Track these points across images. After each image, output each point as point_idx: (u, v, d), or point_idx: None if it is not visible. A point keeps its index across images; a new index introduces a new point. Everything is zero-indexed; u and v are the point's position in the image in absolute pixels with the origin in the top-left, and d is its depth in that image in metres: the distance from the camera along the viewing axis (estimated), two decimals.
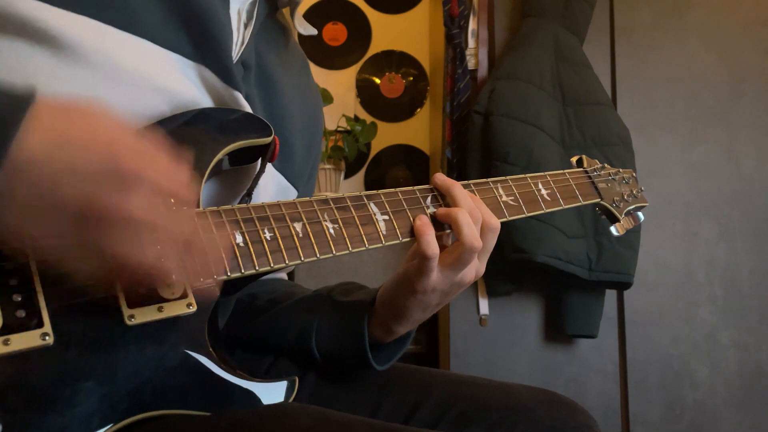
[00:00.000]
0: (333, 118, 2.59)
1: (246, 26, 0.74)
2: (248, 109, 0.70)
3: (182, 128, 0.63)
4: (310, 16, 2.74)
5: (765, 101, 2.09)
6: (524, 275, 1.95)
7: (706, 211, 2.05)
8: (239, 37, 0.73)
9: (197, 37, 0.66)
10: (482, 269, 0.75)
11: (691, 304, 2.03)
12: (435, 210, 0.73)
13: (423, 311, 0.74)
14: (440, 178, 0.74)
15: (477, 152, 1.91)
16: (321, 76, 2.72)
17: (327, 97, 2.43)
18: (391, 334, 0.76)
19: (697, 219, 2.05)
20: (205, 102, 0.68)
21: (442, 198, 0.74)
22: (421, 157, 2.69)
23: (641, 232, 1.91)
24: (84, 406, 0.50)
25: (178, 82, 0.65)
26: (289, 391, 0.62)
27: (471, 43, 2.04)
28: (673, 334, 2.02)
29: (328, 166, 2.46)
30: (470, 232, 0.69)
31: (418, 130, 2.72)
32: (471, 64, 2.03)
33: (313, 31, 0.86)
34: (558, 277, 1.90)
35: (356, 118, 2.64)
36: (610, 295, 1.99)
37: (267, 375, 0.82)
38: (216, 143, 0.64)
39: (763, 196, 2.06)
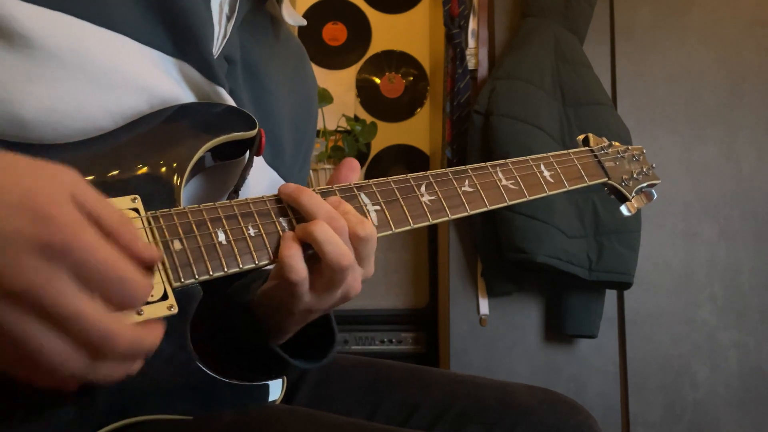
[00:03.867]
0: (333, 118, 2.59)
1: (228, 19, 0.71)
2: (232, 104, 0.67)
3: (162, 125, 0.61)
4: (310, 16, 2.74)
5: (765, 101, 2.08)
6: (524, 275, 1.95)
7: (706, 211, 2.05)
8: (221, 31, 0.70)
9: (176, 32, 0.63)
10: (370, 271, 0.63)
11: (691, 304, 2.02)
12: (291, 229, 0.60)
13: (308, 322, 0.65)
14: (286, 188, 0.61)
15: (477, 152, 1.91)
16: (321, 76, 2.71)
17: (327, 97, 2.43)
18: (279, 340, 0.67)
19: (697, 219, 2.05)
20: (188, 99, 0.65)
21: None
22: (421, 157, 2.69)
23: (641, 232, 1.91)
24: (59, 412, 0.48)
25: (158, 79, 0.62)
26: (281, 388, 0.61)
27: (471, 42, 2.04)
28: (673, 334, 2.01)
29: (328, 166, 2.46)
30: (334, 249, 0.57)
31: (418, 130, 2.71)
32: (471, 63, 2.03)
33: (303, 22, 0.83)
34: (558, 277, 1.90)
35: (356, 118, 2.63)
36: (610, 295, 1.99)
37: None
38: (197, 139, 0.61)
39: (763, 196, 2.06)
